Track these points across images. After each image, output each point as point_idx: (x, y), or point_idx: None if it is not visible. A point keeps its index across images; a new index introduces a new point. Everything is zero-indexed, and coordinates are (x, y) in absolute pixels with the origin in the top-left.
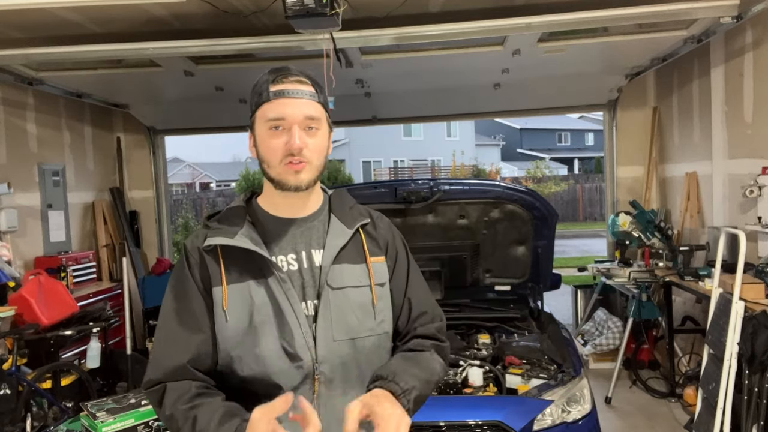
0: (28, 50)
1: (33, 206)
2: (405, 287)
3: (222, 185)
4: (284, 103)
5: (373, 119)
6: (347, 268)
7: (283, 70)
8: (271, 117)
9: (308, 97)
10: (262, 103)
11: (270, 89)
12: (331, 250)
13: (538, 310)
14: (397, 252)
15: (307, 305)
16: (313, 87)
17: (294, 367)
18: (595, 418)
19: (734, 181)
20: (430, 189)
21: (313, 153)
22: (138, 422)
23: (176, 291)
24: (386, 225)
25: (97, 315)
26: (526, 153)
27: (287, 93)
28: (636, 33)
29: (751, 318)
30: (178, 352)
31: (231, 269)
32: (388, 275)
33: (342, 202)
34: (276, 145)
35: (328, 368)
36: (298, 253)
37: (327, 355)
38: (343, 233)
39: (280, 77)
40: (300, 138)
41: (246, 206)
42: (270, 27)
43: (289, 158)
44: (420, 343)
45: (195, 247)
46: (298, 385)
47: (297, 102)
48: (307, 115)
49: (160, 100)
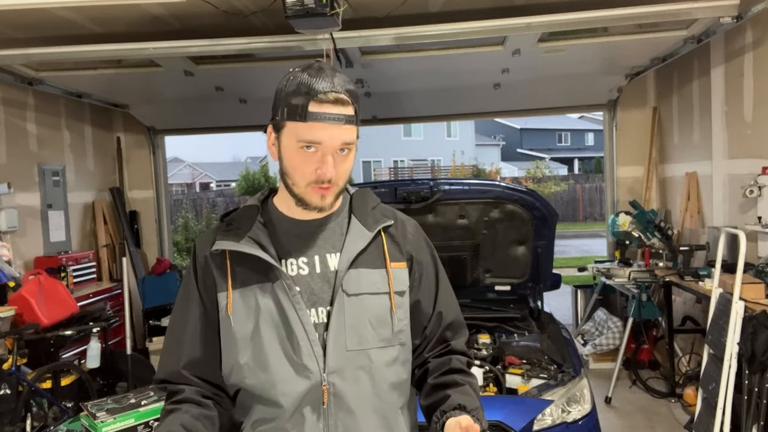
0: (28, 50)
1: (33, 206)
2: (435, 298)
3: (222, 185)
4: (322, 128)
5: (373, 119)
6: (365, 274)
7: (326, 83)
8: (305, 139)
9: (347, 122)
10: (296, 119)
11: (309, 109)
12: (349, 254)
13: (538, 310)
14: (424, 259)
15: (317, 312)
16: (353, 106)
17: (300, 376)
18: (595, 418)
19: (734, 181)
20: (430, 189)
21: (341, 177)
22: (138, 422)
23: (181, 294)
24: (413, 229)
25: (97, 315)
26: (526, 153)
27: (327, 117)
28: (636, 33)
29: (751, 318)
30: (174, 356)
31: (237, 274)
32: (409, 283)
33: (364, 203)
34: (306, 167)
35: (339, 379)
36: (310, 257)
37: (338, 366)
38: (363, 236)
39: (321, 95)
40: (333, 165)
41: (261, 206)
42: (270, 27)
43: (317, 183)
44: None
45: (202, 253)
46: (305, 395)
47: (335, 128)
48: (344, 141)
49: (160, 100)
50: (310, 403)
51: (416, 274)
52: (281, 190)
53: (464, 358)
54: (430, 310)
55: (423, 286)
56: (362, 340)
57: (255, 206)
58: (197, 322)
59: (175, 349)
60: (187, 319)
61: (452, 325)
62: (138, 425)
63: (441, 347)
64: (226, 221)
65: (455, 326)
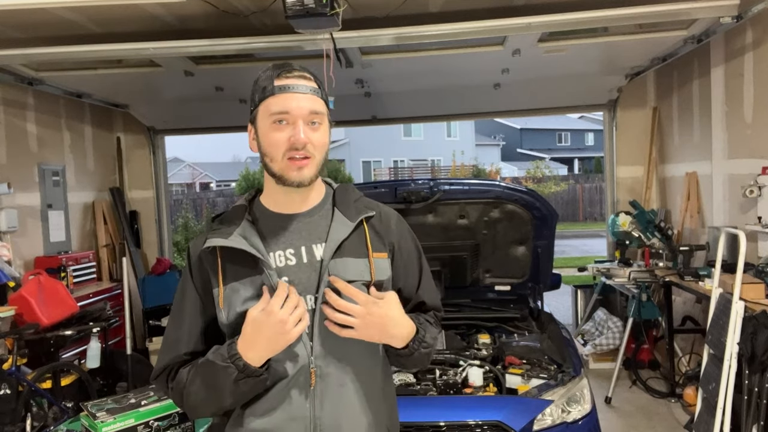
0: (28, 50)
1: (33, 206)
2: (417, 287)
3: (222, 185)
4: (289, 98)
5: (373, 119)
6: (350, 263)
7: (287, 66)
8: (276, 111)
9: (312, 92)
10: (265, 97)
11: (274, 83)
12: (332, 244)
13: (538, 310)
14: (406, 249)
15: (306, 300)
16: (316, 83)
17: (288, 360)
18: (595, 418)
19: (734, 181)
20: (430, 189)
21: (316, 148)
22: (138, 422)
23: (177, 293)
24: (395, 220)
25: (97, 315)
26: (526, 153)
27: (292, 88)
28: (636, 33)
29: (751, 318)
30: (173, 350)
31: (228, 269)
32: (391, 272)
33: (347, 196)
34: (279, 139)
35: (324, 362)
36: (297, 248)
37: (323, 349)
38: (345, 226)
39: (284, 72)
40: (304, 132)
41: (248, 205)
42: (270, 27)
43: (292, 152)
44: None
45: (195, 253)
46: (294, 377)
47: (301, 96)
48: (312, 110)
49: (160, 100)
50: (298, 385)
51: (399, 263)
52: (266, 187)
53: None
54: (411, 297)
55: (406, 274)
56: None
57: (243, 206)
58: (194, 317)
59: (172, 344)
60: (183, 316)
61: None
62: (138, 425)
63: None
64: (217, 221)
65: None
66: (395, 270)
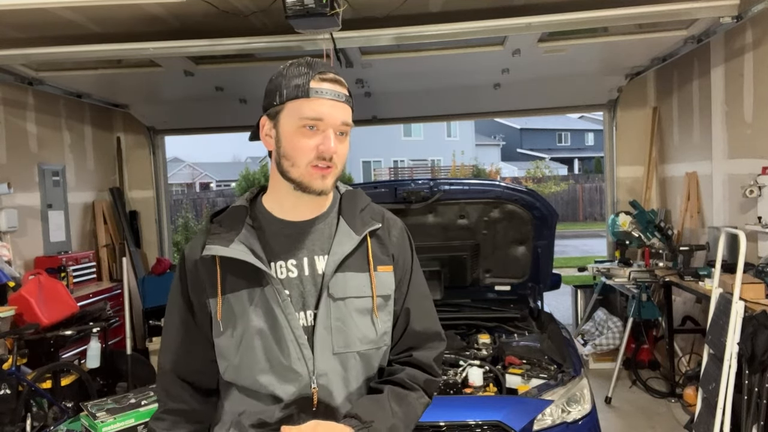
0: (28, 50)
1: (33, 206)
2: (403, 301)
3: (222, 185)
4: (324, 104)
5: (373, 119)
6: (351, 277)
7: (324, 66)
8: (309, 116)
9: (345, 101)
10: (298, 97)
11: (311, 85)
12: (336, 257)
13: (538, 310)
14: (405, 261)
15: (306, 315)
16: (347, 89)
17: (289, 379)
18: (595, 418)
19: (734, 181)
20: (430, 189)
21: (340, 159)
22: (138, 422)
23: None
24: (399, 230)
25: (97, 315)
26: (526, 153)
27: (328, 93)
28: (636, 33)
29: (751, 318)
30: (165, 359)
31: (227, 278)
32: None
33: (353, 204)
34: (307, 146)
35: (327, 381)
36: (299, 259)
37: (325, 368)
38: (350, 239)
39: (320, 74)
40: (334, 143)
41: (249, 206)
42: (270, 27)
43: (318, 161)
44: (413, 376)
45: (192, 257)
46: (295, 397)
47: (336, 105)
48: (344, 121)
49: (160, 100)
50: (301, 406)
51: (399, 275)
52: (271, 188)
53: (421, 374)
54: (399, 307)
55: (399, 285)
56: (348, 342)
57: (243, 207)
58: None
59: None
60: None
61: (419, 335)
62: (138, 425)
63: (404, 354)
64: (215, 222)
65: (423, 337)
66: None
